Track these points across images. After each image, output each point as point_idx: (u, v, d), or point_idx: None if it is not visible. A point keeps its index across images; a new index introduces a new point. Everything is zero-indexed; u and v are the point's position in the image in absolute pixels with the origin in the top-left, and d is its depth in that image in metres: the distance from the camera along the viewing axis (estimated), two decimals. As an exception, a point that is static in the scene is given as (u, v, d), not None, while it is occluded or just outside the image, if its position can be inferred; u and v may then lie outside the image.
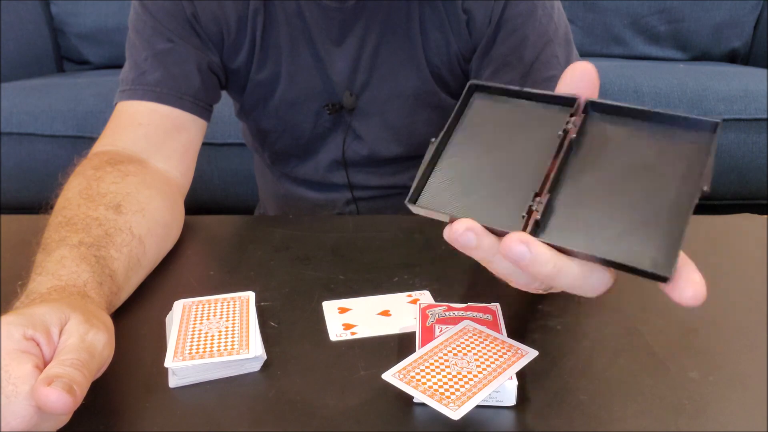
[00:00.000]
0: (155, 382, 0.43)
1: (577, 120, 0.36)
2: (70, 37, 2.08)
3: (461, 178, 0.38)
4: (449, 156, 0.39)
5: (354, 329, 0.48)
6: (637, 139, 0.34)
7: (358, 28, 0.71)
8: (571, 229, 0.33)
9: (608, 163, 0.35)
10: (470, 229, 0.32)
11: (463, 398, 0.37)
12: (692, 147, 0.33)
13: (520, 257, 0.31)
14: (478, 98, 0.40)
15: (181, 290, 0.55)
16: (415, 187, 0.38)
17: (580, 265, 0.32)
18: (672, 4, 1.91)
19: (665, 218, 0.32)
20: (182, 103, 0.69)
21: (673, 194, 0.32)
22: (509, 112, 0.39)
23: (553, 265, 0.31)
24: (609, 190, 0.34)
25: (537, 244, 0.31)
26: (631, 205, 0.33)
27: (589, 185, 0.34)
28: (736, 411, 0.40)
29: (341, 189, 0.84)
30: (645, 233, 0.32)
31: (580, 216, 0.33)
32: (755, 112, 1.48)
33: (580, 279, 0.32)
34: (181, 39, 0.69)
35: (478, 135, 0.39)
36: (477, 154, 0.38)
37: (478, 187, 0.37)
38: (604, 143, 0.35)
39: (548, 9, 0.69)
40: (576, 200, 0.34)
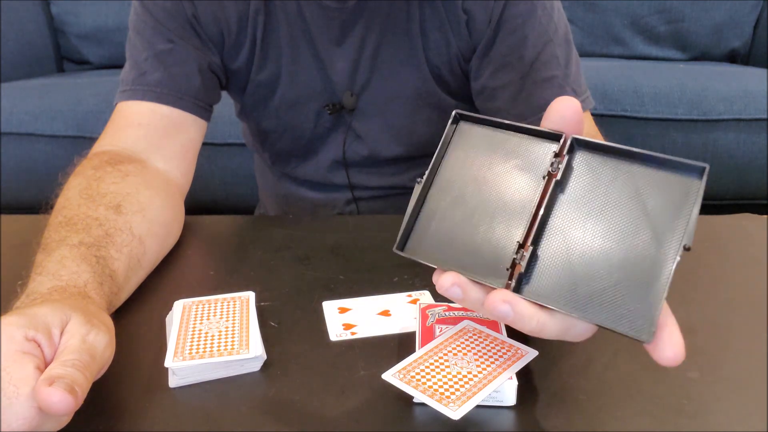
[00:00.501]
0: (155, 382, 0.43)
1: (561, 162, 0.36)
2: (70, 37, 2.08)
3: (447, 222, 0.38)
4: (435, 197, 0.39)
5: (354, 329, 0.48)
6: (623, 181, 0.34)
7: (358, 28, 0.71)
8: (555, 282, 0.34)
9: (593, 209, 0.35)
10: (456, 284, 0.34)
11: (463, 398, 0.37)
12: (678, 193, 0.33)
13: (504, 315, 0.33)
14: (464, 128, 0.40)
15: (181, 290, 0.55)
16: (402, 233, 0.39)
17: (563, 320, 0.34)
18: (672, 4, 1.91)
19: (647, 278, 0.32)
20: (182, 104, 0.69)
21: (656, 250, 0.33)
22: (496, 144, 0.39)
23: (536, 322, 0.33)
24: (593, 242, 0.34)
25: (520, 303, 0.33)
26: (614, 262, 0.33)
27: (573, 234, 0.35)
28: (736, 411, 0.40)
29: (342, 189, 0.84)
30: (627, 294, 0.32)
31: (564, 268, 0.34)
32: (755, 112, 1.48)
33: (563, 332, 0.34)
34: (181, 39, 0.69)
35: (464, 171, 0.39)
36: (463, 194, 0.38)
37: (465, 232, 0.37)
38: (589, 184, 0.35)
39: (548, 9, 0.69)
40: (560, 251, 0.35)
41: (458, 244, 0.37)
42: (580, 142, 0.36)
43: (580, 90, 0.72)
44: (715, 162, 1.53)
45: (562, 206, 0.35)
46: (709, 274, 0.58)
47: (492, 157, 0.38)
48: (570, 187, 0.36)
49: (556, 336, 0.34)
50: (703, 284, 0.56)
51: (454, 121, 0.40)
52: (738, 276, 0.57)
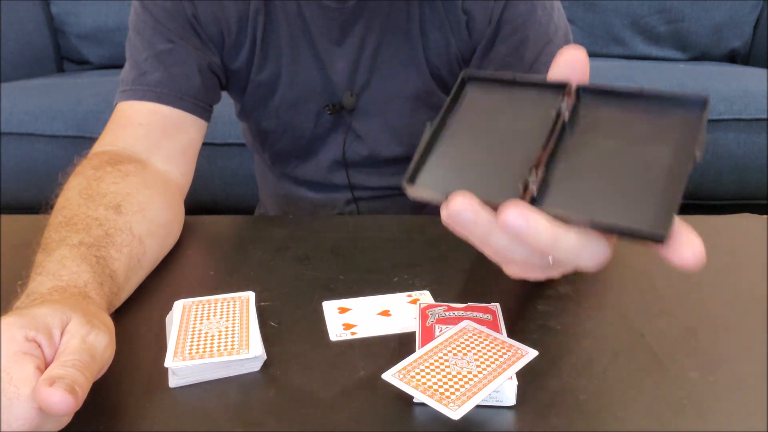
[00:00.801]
0: (155, 382, 0.43)
1: (569, 102, 0.36)
2: (70, 37, 2.08)
3: (458, 160, 0.38)
4: (445, 139, 0.39)
5: (354, 329, 0.48)
6: (629, 117, 0.35)
7: (358, 28, 0.71)
8: (568, 201, 0.33)
9: (602, 140, 0.35)
10: (467, 204, 0.32)
11: (463, 398, 0.37)
12: (683, 121, 0.34)
13: (518, 227, 0.31)
14: (472, 88, 0.40)
15: (181, 290, 0.55)
16: (413, 169, 0.38)
17: (578, 234, 0.32)
18: (672, 4, 1.91)
19: (660, 184, 0.32)
20: (182, 104, 0.69)
21: (667, 163, 0.32)
22: (502, 99, 0.39)
23: (550, 234, 0.31)
24: (603, 163, 0.34)
25: (534, 213, 0.31)
26: (626, 175, 0.33)
27: (583, 160, 0.35)
28: (736, 411, 0.40)
29: (342, 189, 0.84)
30: (641, 199, 0.32)
31: (576, 188, 0.34)
32: (755, 112, 1.48)
33: (578, 248, 0.32)
34: (181, 39, 0.69)
35: (473, 121, 0.39)
36: (472, 137, 0.38)
37: (475, 167, 0.37)
38: (596, 124, 0.36)
39: (548, 9, 0.69)
40: (571, 174, 0.34)
41: (469, 177, 0.37)
42: (586, 89, 0.36)
43: None
44: (715, 162, 1.53)
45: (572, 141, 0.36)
46: (709, 274, 0.58)
47: (500, 109, 0.39)
48: (578, 125, 0.36)
49: (570, 255, 0.32)
50: (703, 284, 0.56)
51: (462, 81, 0.40)
52: (738, 276, 0.57)
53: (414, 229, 0.66)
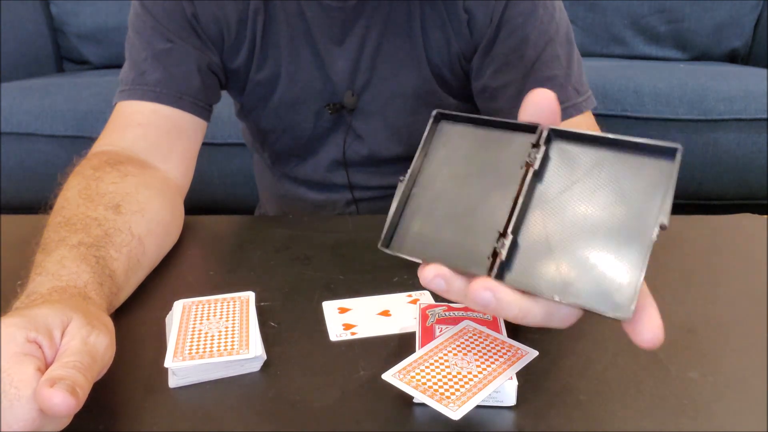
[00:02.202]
0: (155, 382, 0.43)
1: (537, 152, 0.36)
2: (70, 37, 2.08)
3: (430, 218, 0.39)
4: (418, 194, 0.40)
5: (354, 329, 0.48)
6: (600, 167, 0.35)
7: (358, 27, 0.71)
8: (536, 269, 0.34)
9: (572, 195, 0.35)
10: (439, 275, 0.34)
11: (463, 398, 0.37)
12: (654, 175, 0.33)
13: (487, 303, 0.33)
14: (445, 127, 0.41)
15: (181, 290, 0.54)
16: (387, 231, 0.39)
17: (546, 305, 0.33)
18: (672, 4, 1.91)
19: (626, 257, 0.33)
20: (182, 104, 0.69)
21: (634, 229, 0.33)
22: (475, 141, 0.40)
23: (518, 309, 0.33)
24: (573, 226, 0.35)
25: (501, 290, 0.33)
26: (594, 243, 0.34)
27: (553, 221, 0.35)
28: (736, 411, 0.40)
29: (341, 189, 0.84)
30: (605, 275, 0.33)
31: (545, 254, 0.35)
32: (755, 112, 1.48)
33: (546, 317, 0.34)
34: (180, 39, 0.69)
35: (446, 168, 0.40)
36: (445, 189, 0.39)
37: (447, 226, 0.38)
38: (567, 173, 0.36)
39: (549, 8, 0.69)
40: (540, 238, 0.35)
41: (441, 239, 0.38)
42: (557, 132, 0.37)
43: (582, 90, 0.72)
44: (715, 162, 1.53)
45: (542, 195, 0.36)
46: (709, 274, 0.58)
47: (472, 152, 0.39)
48: (548, 175, 0.36)
49: (541, 322, 0.34)
50: (703, 284, 0.56)
51: (435, 120, 0.41)
52: (738, 276, 0.57)
53: (414, 229, 0.66)
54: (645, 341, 0.31)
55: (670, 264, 0.58)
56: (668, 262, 0.59)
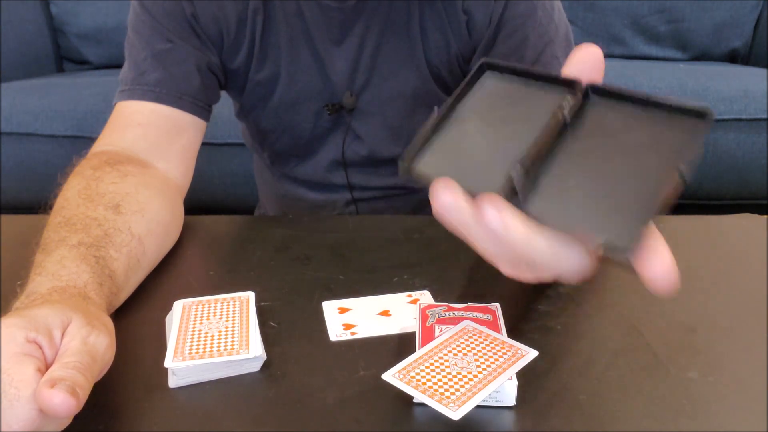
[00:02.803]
0: (155, 382, 0.43)
1: (572, 101, 0.36)
2: (70, 37, 2.08)
3: (456, 149, 0.38)
4: (450, 126, 0.39)
5: (354, 329, 0.48)
6: (632, 124, 0.35)
7: (358, 27, 0.71)
8: (550, 203, 0.33)
9: (598, 144, 0.35)
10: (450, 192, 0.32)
11: (463, 398, 0.37)
12: (683, 133, 0.33)
13: (492, 222, 0.31)
14: (488, 76, 0.41)
15: (181, 290, 0.54)
16: (413, 150, 0.38)
17: (553, 237, 0.31)
18: (672, 4, 1.91)
19: (641, 197, 0.32)
20: (181, 104, 0.69)
21: (653, 176, 0.32)
22: (514, 90, 0.39)
23: (523, 233, 0.31)
24: (593, 169, 0.34)
25: (509, 210, 0.31)
26: (611, 184, 0.33)
27: (575, 164, 0.35)
28: (736, 411, 0.40)
29: (341, 189, 0.84)
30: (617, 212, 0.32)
31: (561, 191, 0.34)
32: (755, 112, 1.48)
33: (552, 251, 0.31)
34: (180, 39, 0.69)
35: (481, 110, 0.40)
36: (476, 127, 0.39)
37: (471, 157, 0.37)
38: (599, 127, 0.36)
39: (548, 9, 0.69)
40: (560, 175, 0.34)
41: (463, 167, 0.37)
42: (596, 88, 0.36)
43: None
44: (715, 162, 1.53)
45: (571, 142, 0.36)
46: (709, 274, 0.58)
47: (511, 98, 0.39)
48: (581, 126, 0.36)
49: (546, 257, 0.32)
50: (703, 284, 0.56)
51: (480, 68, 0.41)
52: (738, 276, 0.57)
53: (414, 229, 0.66)
54: (656, 280, 0.29)
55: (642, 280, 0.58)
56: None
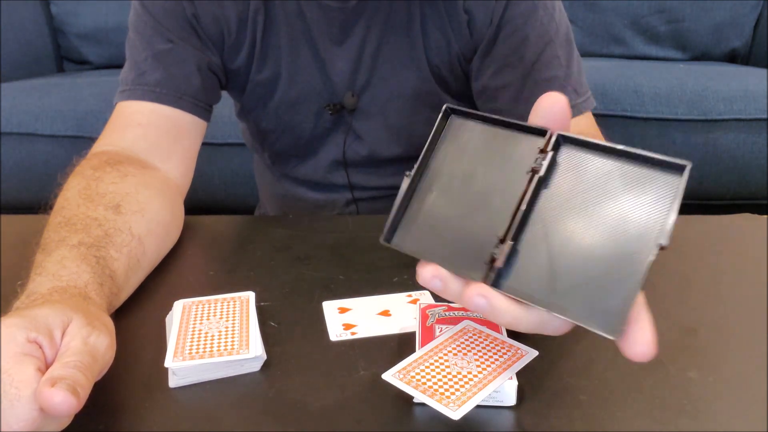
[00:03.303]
0: (155, 382, 0.43)
1: (545, 158, 0.36)
2: (70, 37, 2.08)
3: (433, 215, 0.39)
4: (423, 191, 0.40)
5: (354, 329, 0.48)
6: (606, 178, 0.35)
7: (359, 28, 0.71)
8: (533, 277, 0.34)
9: (576, 204, 0.35)
10: (436, 276, 0.35)
11: (463, 398, 0.37)
12: (660, 190, 0.33)
13: (481, 309, 0.33)
14: (454, 122, 0.41)
15: (181, 290, 0.55)
16: (389, 225, 0.40)
17: (538, 315, 0.34)
18: (672, 4, 1.91)
19: (623, 275, 0.32)
20: (182, 104, 0.69)
21: (634, 246, 0.33)
22: (484, 139, 0.39)
23: (511, 317, 0.34)
24: (573, 238, 0.34)
25: (495, 297, 0.33)
26: (593, 258, 0.33)
27: (554, 230, 0.35)
28: (736, 411, 0.40)
29: (341, 189, 0.84)
30: (601, 290, 0.33)
31: (543, 264, 0.35)
32: (755, 112, 1.48)
33: (538, 326, 0.34)
34: (181, 39, 0.69)
35: (452, 164, 0.40)
36: (450, 187, 0.39)
37: (449, 225, 0.38)
38: (573, 180, 0.36)
39: (549, 9, 0.69)
40: (540, 247, 0.35)
41: (442, 237, 0.38)
42: (566, 138, 0.36)
43: (582, 90, 0.72)
44: (715, 162, 1.53)
45: (545, 202, 0.36)
46: (709, 274, 0.58)
47: (480, 151, 0.39)
48: (554, 182, 0.36)
49: (533, 330, 0.34)
50: (703, 284, 0.56)
51: (444, 115, 0.41)
52: (738, 276, 0.57)
53: (414, 229, 0.66)
54: (636, 354, 0.32)
55: (670, 264, 0.58)
56: (668, 261, 0.59)
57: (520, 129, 0.38)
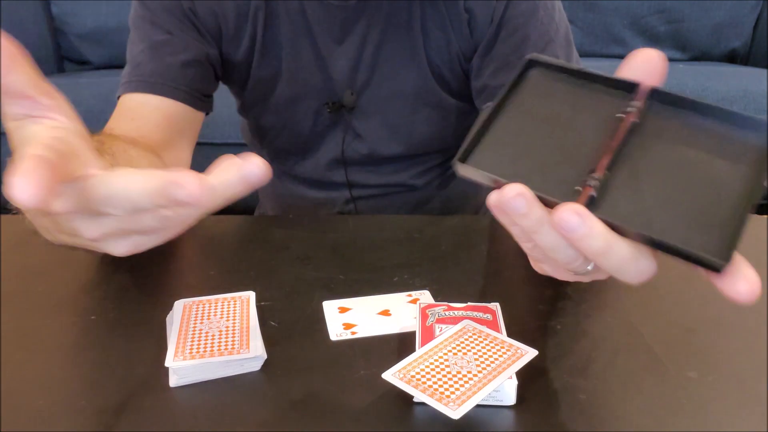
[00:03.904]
0: (155, 382, 0.43)
1: (639, 104, 0.34)
2: (70, 37, 2.08)
3: (514, 145, 0.35)
4: (502, 122, 0.37)
5: (354, 329, 0.48)
6: (697, 132, 0.33)
7: (359, 26, 0.71)
8: (626, 210, 0.32)
9: (668, 152, 0.33)
10: (521, 194, 0.30)
11: (463, 398, 0.37)
12: (749, 146, 0.32)
13: (573, 229, 0.29)
14: (535, 73, 0.38)
15: (182, 290, 0.55)
16: (466, 148, 0.35)
17: (632, 246, 0.31)
18: (672, 4, 1.91)
19: (725, 210, 0.31)
20: (177, 94, 0.69)
21: (733, 187, 0.31)
22: (567, 90, 0.37)
23: (604, 241, 0.30)
24: (667, 176, 0.32)
25: (591, 218, 0.30)
26: (690, 194, 0.31)
27: (647, 169, 0.33)
28: (736, 411, 0.40)
29: (340, 187, 0.84)
30: (703, 221, 0.31)
31: (637, 198, 0.32)
32: (755, 112, 1.49)
33: (628, 261, 0.31)
34: (178, 31, 0.69)
35: (534, 107, 0.37)
36: (531, 124, 0.36)
37: (532, 155, 0.35)
38: (664, 133, 0.34)
39: (549, 9, 0.69)
40: (633, 182, 0.33)
41: (525, 166, 0.35)
42: (658, 93, 0.35)
43: None
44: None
45: (637, 147, 0.34)
46: (709, 274, 0.57)
47: (564, 97, 0.37)
48: (644, 131, 0.34)
49: (617, 266, 0.31)
50: (703, 284, 0.55)
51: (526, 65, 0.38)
52: (738, 276, 0.57)
53: (414, 229, 0.66)
54: (740, 293, 0.29)
55: (669, 264, 0.58)
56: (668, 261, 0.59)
57: (608, 83, 0.36)
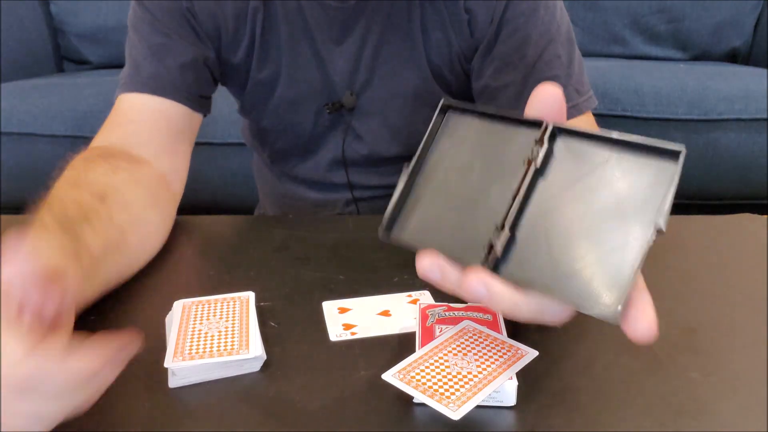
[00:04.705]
0: (155, 382, 0.43)
1: (540, 149, 0.36)
2: (70, 37, 2.08)
3: (431, 208, 0.39)
4: (421, 184, 0.40)
5: (354, 329, 0.48)
6: (603, 167, 0.35)
7: (359, 27, 0.71)
8: (530, 263, 0.35)
9: (573, 193, 0.35)
10: (435, 264, 0.35)
11: (463, 398, 0.37)
12: (656, 176, 0.33)
13: (481, 297, 0.33)
14: (451, 117, 0.41)
15: (181, 290, 0.54)
16: (388, 218, 0.39)
17: (537, 300, 0.33)
18: (672, 4, 1.91)
19: (621, 260, 0.32)
20: (176, 96, 0.69)
21: (630, 231, 0.33)
22: (480, 133, 0.40)
23: (510, 302, 0.33)
24: (570, 224, 0.35)
25: (494, 283, 0.33)
26: (590, 243, 0.34)
27: (552, 217, 0.35)
28: (737, 411, 0.40)
29: (341, 189, 0.84)
30: (600, 275, 0.33)
31: (541, 252, 0.35)
32: (755, 112, 1.48)
33: (538, 312, 0.34)
34: (177, 34, 0.69)
35: (450, 158, 0.40)
36: (448, 180, 0.39)
37: (448, 217, 0.38)
38: (570, 169, 0.36)
39: (550, 8, 0.69)
40: (537, 235, 0.35)
41: (440, 229, 0.38)
42: (561, 129, 0.37)
43: (583, 90, 0.72)
44: (715, 162, 1.53)
45: (543, 192, 0.36)
46: (709, 274, 0.58)
47: (477, 145, 0.39)
48: (551, 173, 0.36)
49: (532, 317, 0.34)
50: (703, 284, 0.56)
51: (441, 111, 0.41)
52: (738, 276, 0.57)
53: (414, 229, 0.66)
54: (637, 335, 0.31)
55: (670, 264, 0.58)
56: (668, 262, 0.59)
57: (516, 122, 0.38)
